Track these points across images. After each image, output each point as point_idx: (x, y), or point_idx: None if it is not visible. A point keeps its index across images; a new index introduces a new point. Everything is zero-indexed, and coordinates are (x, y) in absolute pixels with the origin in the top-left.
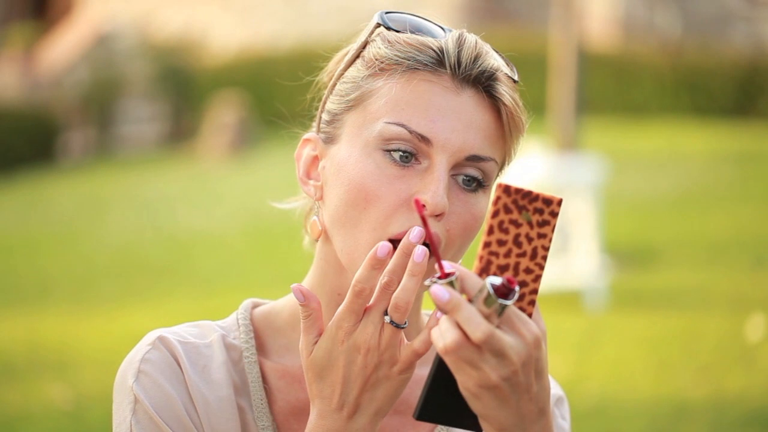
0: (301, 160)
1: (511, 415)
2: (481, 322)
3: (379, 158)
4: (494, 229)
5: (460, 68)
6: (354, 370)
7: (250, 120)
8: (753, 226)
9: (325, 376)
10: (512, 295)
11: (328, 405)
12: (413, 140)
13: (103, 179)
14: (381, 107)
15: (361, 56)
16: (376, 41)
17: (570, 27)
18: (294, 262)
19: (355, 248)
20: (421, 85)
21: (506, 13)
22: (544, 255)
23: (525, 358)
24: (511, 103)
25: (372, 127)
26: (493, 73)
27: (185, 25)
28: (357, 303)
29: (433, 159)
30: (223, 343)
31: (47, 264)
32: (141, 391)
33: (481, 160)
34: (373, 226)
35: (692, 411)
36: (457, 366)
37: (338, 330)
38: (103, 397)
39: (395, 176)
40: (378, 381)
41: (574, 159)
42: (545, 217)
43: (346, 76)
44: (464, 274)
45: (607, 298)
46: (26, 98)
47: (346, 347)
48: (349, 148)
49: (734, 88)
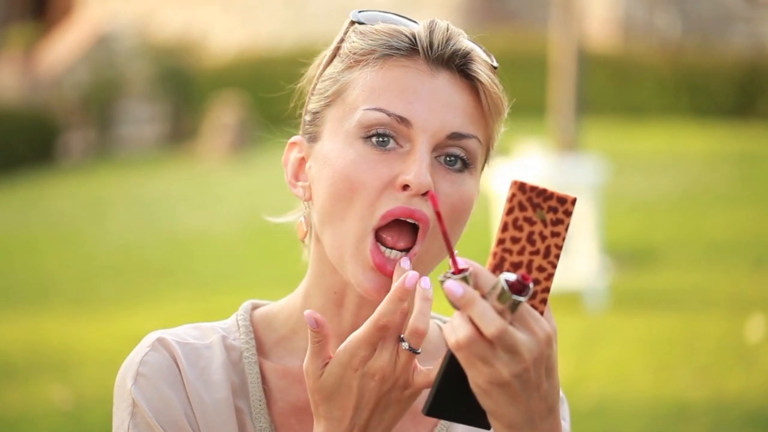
0: (288, 164)
1: (520, 412)
2: (495, 317)
3: (359, 146)
4: (508, 226)
5: (433, 50)
6: (366, 395)
7: (250, 121)
8: (753, 226)
9: (334, 399)
10: (526, 291)
11: (337, 426)
12: (392, 123)
13: (103, 180)
14: (358, 96)
15: (338, 54)
16: (350, 36)
17: (570, 27)
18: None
19: (343, 241)
20: (395, 70)
21: (506, 13)
22: (557, 254)
23: (537, 356)
24: (488, 81)
25: (351, 117)
26: (467, 53)
27: (185, 26)
28: (377, 336)
29: (414, 140)
30: (223, 344)
31: (47, 265)
32: (139, 395)
33: (462, 137)
34: (360, 215)
35: (692, 411)
36: (469, 362)
37: (352, 358)
38: (103, 397)
39: (377, 161)
40: (389, 403)
41: (574, 159)
42: (559, 215)
43: (324, 75)
44: (478, 270)
45: (607, 298)
46: (26, 99)
47: (360, 374)
48: (331, 142)
49: (734, 88)
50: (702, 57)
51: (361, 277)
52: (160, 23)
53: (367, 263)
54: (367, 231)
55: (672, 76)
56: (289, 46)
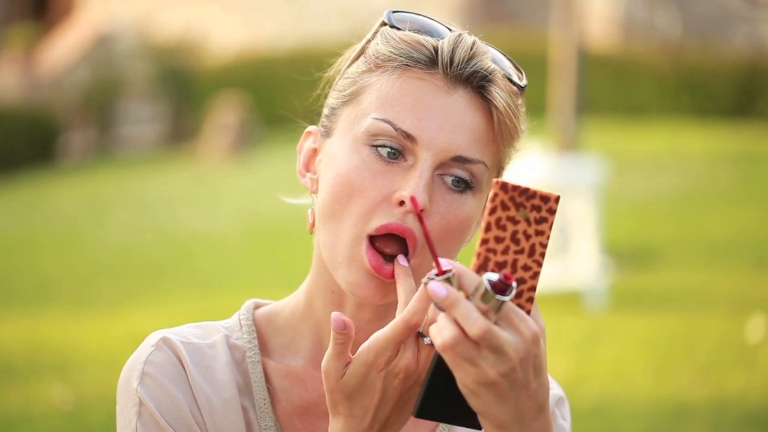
0: (302, 152)
1: (509, 411)
2: (479, 318)
3: (365, 153)
4: (492, 226)
5: (452, 67)
6: (389, 393)
7: (250, 121)
8: (753, 226)
9: (356, 398)
10: (509, 291)
11: (358, 424)
12: (399, 137)
13: (104, 180)
14: (371, 103)
15: (364, 53)
16: (377, 38)
17: (570, 27)
18: (294, 263)
19: (336, 243)
20: (411, 83)
21: (506, 13)
22: (542, 252)
23: (523, 355)
24: (503, 107)
25: (361, 122)
26: (487, 74)
27: (185, 26)
28: (406, 335)
29: (417, 157)
30: (227, 343)
31: (48, 265)
32: (145, 394)
33: (467, 161)
34: (354, 221)
35: (692, 411)
36: (455, 363)
37: (378, 357)
38: (104, 397)
39: (379, 171)
40: (409, 398)
41: (574, 159)
42: (543, 214)
43: (347, 72)
44: (461, 271)
45: (607, 298)
46: (26, 99)
47: (385, 374)
48: (340, 142)
49: (734, 88)
50: (702, 57)
51: (356, 279)
52: (161, 23)
53: (363, 266)
54: (362, 237)
55: (672, 76)
56: (290, 46)
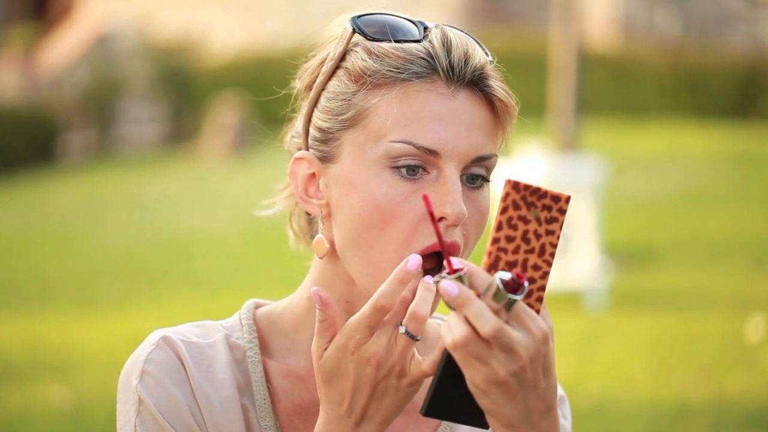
0: (297, 177)
1: (518, 410)
2: (491, 316)
3: (388, 176)
4: (503, 225)
5: (453, 73)
6: (363, 380)
7: (250, 121)
8: (753, 226)
9: (333, 382)
10: (521, 290)
11: (336, 411)
12: (421, 155)
13: (104, 180)
14: (382, 125)
15: (343, 68)
16: (358, 52)
17: (570, 27)
18: (294, 263)
19: (376, 269)
20: (418, 96)
21: (506, 13)
22: (552, 252)
23: (533, 354)
24: (504, 96)
25: (377, 146)
26: (483, 70)
27: (185, 26)
28: (375, 318)
29: (442, 168)
30: (227, 342)
31: (47, 265)
32: (145, 392)
33: (485, 159)
34: (394, 246)
35: (692, 412)
36: (466, 361)
37: (348, 340)
38: (103, 398)
39: (408, 192)
40: (386, 391)
41: (574, 159)
42: (553, 213)
43: (331, 90)
44: (473, 270)
45: (607, 298)
46: (26, 99)
47: (356, 357)
48: (355, 168)
49: (734, 88)
50: (702, 57)
51: None
52: (160, 23)
53: None
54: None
55: (672, 76)
56: (289, 46)
